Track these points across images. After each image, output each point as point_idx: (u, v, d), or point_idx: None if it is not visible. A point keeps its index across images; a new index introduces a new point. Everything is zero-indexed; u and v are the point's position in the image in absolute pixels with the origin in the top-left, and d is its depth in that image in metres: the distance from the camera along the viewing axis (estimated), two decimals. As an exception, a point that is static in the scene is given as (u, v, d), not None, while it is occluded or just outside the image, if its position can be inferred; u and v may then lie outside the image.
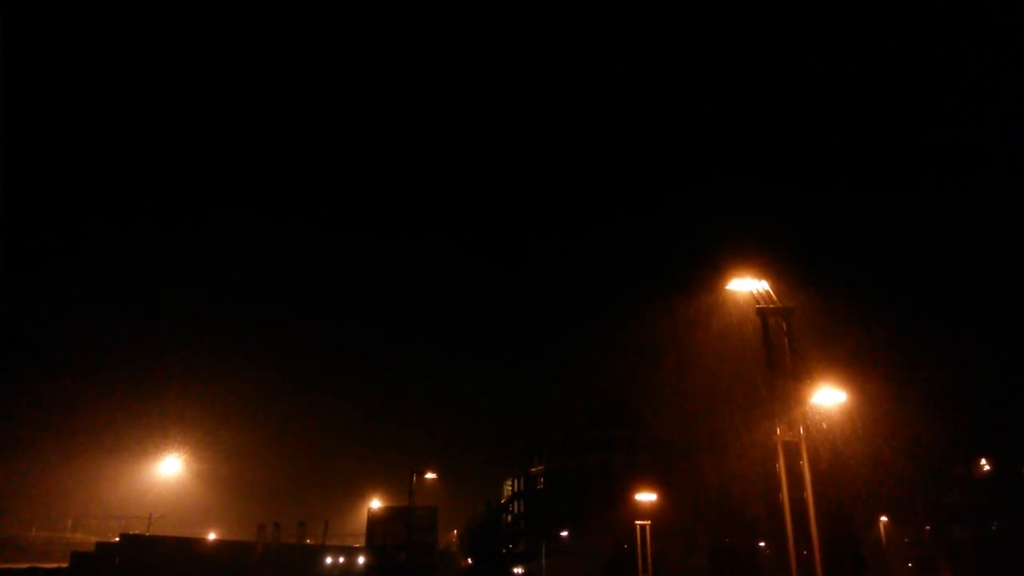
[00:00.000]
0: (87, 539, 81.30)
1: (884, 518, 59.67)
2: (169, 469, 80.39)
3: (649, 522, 44.60)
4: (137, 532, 72.68)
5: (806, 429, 20.04)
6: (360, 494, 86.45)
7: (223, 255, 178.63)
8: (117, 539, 69.97)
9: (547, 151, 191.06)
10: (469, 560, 36.08)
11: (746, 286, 20.70)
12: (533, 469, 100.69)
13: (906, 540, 65.59)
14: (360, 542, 76.01)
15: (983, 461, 64.26)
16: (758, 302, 20.54)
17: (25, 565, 63.58)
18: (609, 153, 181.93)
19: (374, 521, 48.85)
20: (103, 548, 67.53)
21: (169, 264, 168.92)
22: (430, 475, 46.61)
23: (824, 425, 24.46)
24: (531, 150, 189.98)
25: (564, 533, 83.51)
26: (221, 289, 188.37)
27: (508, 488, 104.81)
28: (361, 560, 71.02)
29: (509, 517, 62.31)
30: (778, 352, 20.05)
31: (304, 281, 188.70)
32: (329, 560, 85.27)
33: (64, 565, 61.21)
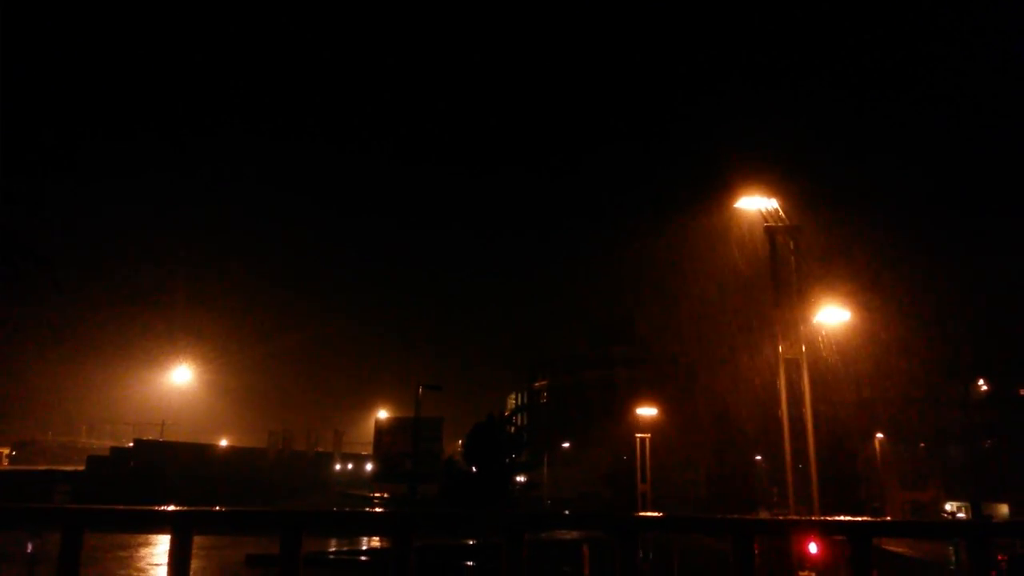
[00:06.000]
0: (102, 444, 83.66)
1: (880, 435, 60.86)
2: (181, 378, 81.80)
3: (649, 435, 45.53)
4: (150, 438, 74.59)
5: (808, 346, 20.18)
6: (368, 405, 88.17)
7: (237, 169, 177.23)
8: (131, 444, 71.92)
9: (556, 63, 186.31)
10: (473, 468, 37.02)
11: (755, 204, 20.46)
12: (536, 384, 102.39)
13: (900, 457, 67.02)
14: (368, 451, 78.07)
15: (981, 382, 64.96)
16: (766, 220, 20.34)
17: (43, 467, 65.72)
18: (617, 67, 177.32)
19: (381, 431, 50.20)
20: (117, 452, 69.51)
21: (181, 176, 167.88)
22: (436, 387, 47.39)
23: (825, 341, 24.63)
24: (541, 61, 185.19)
25: (566, 445, 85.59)
26: (232, 203, 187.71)
27: (512, 401, 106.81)
28: (369, 467, 73.07)
29: (512, 429, 63.67)
30: (785, 270, 19.99)
31: (314, 197, 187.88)
32: (338, 467, 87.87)
33: (80, 468, 63.19)
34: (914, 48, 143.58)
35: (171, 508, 4.87)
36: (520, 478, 49.54)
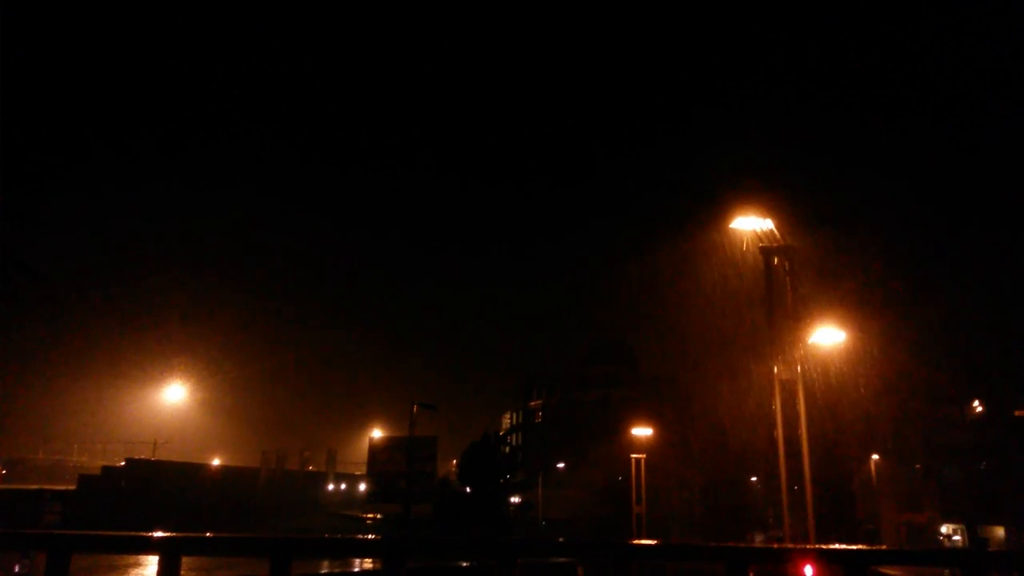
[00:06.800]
0: (93, 463, 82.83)
1: (876, 456, 60.62)
2: (173, 396, 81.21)
3: (644, 455, 45.40)
4: (142, 457, 73.90)
5: (804, 368, 20.13)
6: (362, 424, 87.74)
7: (228, 182, 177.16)
8: (123, 463, 71.26)
9: (553, 77, 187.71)
10: (468, 489, 36.83)
11: (750, 224, 20.47)
12: (532, 403, 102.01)
13: (896, 478, 66.72)
14: (362, 470, 77.61)
15: (976, 403, 64.85)
16: (761, 241, 20.35)
17: (33, 486, 65.02)
18: (615, 80, 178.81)
19: (375, 450, 49.86)
20: (109, 471, 68.82)
21: (174, 190, 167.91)
22: (431, 406, 47.17)
23: (820, 362, 24.60)
24: (537, 74, 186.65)
25: (561, 465, 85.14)
26: (226, 220, 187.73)
27: (507, 421, 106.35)
28: (362, 487, 72.57)
29: (507, 449, 63.48)
30: (779, 291, 19.99)
31: (310, 212, 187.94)
32: (331, 486, 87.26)
33: (72, 487, 62.54)
34: (912, 67, 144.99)
35: (158, 534, 4.78)
36: (515, 499, 49.30)
